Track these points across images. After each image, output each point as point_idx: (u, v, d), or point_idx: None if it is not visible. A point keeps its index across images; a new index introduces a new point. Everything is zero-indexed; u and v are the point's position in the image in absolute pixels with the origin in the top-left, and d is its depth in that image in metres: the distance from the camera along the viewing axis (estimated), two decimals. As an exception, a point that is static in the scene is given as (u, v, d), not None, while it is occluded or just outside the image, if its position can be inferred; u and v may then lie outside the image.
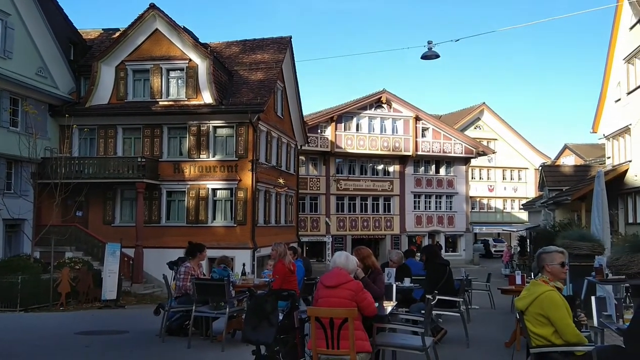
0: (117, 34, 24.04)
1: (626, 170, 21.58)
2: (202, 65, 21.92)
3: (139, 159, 21.16)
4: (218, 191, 22.42)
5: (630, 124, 21.05)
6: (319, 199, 35.03)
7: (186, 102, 22.21)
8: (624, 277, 7.01)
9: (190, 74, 22.14)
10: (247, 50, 25.83)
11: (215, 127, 22.40)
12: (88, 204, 21.86)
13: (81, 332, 9.67)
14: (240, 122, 21.89)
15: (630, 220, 21.46)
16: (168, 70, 22.55)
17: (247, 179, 21.81)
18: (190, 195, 22.03)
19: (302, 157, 32.68)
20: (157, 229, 21.64)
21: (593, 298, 5.19)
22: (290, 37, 26.20)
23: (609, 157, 24.22)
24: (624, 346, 4.16)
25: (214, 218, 22.23)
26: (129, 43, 22.51)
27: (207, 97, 21.91)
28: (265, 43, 26.04)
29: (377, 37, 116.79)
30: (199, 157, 22.19)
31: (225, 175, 22.02)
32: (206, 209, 22.01)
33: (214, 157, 22.26)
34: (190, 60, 22.13)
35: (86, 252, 19.94)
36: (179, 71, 22.53)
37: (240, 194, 21.79)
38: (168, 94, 22.54)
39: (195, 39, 23.36)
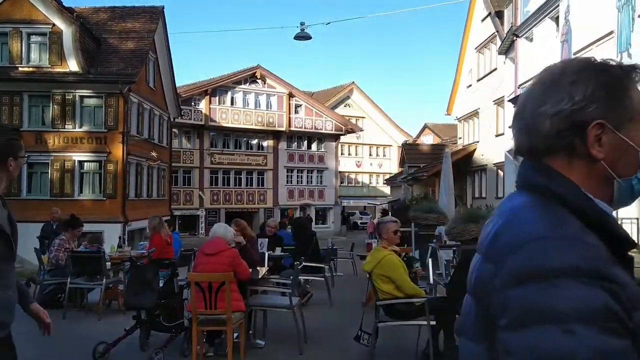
0: (-32, -10, 21.92)
1: (474, 150, 24.14)
2: (67, 31, 20.78)
3: (-4, 128, 19.76)
4: (85, 163, 21.61)
5: (479, 108, 23.51)
6: (193, 173, 34.83)
7: (50, 69, 20.97)
8: (459, 243, 8.27)
9: (54, 39, 20.89)
10: (116, 17, 24.79)
11: (82, 97, 21.45)
12: None
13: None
14: (110, 92, 21.18)
15: (477, 195, 24.12)
16: (29, 35, 21.09)
17: (118, 151, 21.27)
18: (55, 167, 21.03)
19: (175, 130, 32.19)
20: (17, 202, 20.30)
21: (430, 260, 6.26)
22: (163, 7, 25.58)
23: (460, 138, 26.83)
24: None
25: (80, 191, 21.46)
26: (-16, 3, 20.70)
27: (72, 65, 20.87)
28: (136, 11, 25.15)
29: (252, 12, 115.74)
30: (64, 128, 21.18)
31: (94, 147, 21.27)
32: (72, 182, 21.17)
33: (80, 128, 21.37)
34: (54, 25, 20.85)
35: None
36: (41, 36, 21.16)
37: (110, 167, 21.22)
38: (29, 60, 21.11)
39: (60, 2, 22.03)
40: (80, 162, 21.47)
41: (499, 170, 21.13)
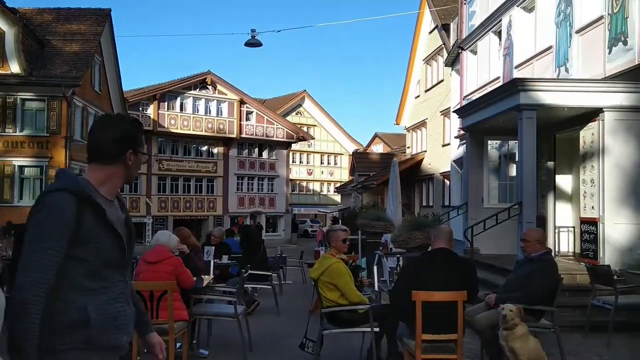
0: None
1: (422, 159, 24.63)
2: (9, 32, 20.05)
3: None
4: (26, 169, 20.90)
5: (427, 119, 24.02)
6: (140, 179, 33.99)
7: (-10, 71, 20.22)
8: (404, 250, 8.44)
9: (-5, 40, 20.14)
10: (61, 19, 24.10)
11: (23, 100, 20.80)
12: None
13: None
14: (53, 95, 20.59)
15: (424, 203, 24.59)
16: (-32, 35, 20.26)
17: (60, 156, 20.64)
18: (-7, 172, 20.24)
19: (121, 135, 31.39)
20: (-49, 209, 19.51)
21: (375, 267, 6.34)
22: (110, 10, 25.04)
23: (408, 147, 27.33)
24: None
25: (20, 197, 20.69)
26: None
27: (14, 67, 20.16)
28: (82, 13, 24.52)
29: (203, 18, 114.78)
30: (4, 132, 20.46)
31: (35, 152, 20.59)
32: (12, 188, 20.41)
33: (21, 132, 20.68)
34: (-5, 25, 20.12)
35: None
36: (-19, 37, 20.35)
37: (52, 173, 20.53)
38: (-32, 61, 20.30)
39: (2, 2, 21.26)
40: (21, 167, 20.76)
41: (445, 180, 21.64)
